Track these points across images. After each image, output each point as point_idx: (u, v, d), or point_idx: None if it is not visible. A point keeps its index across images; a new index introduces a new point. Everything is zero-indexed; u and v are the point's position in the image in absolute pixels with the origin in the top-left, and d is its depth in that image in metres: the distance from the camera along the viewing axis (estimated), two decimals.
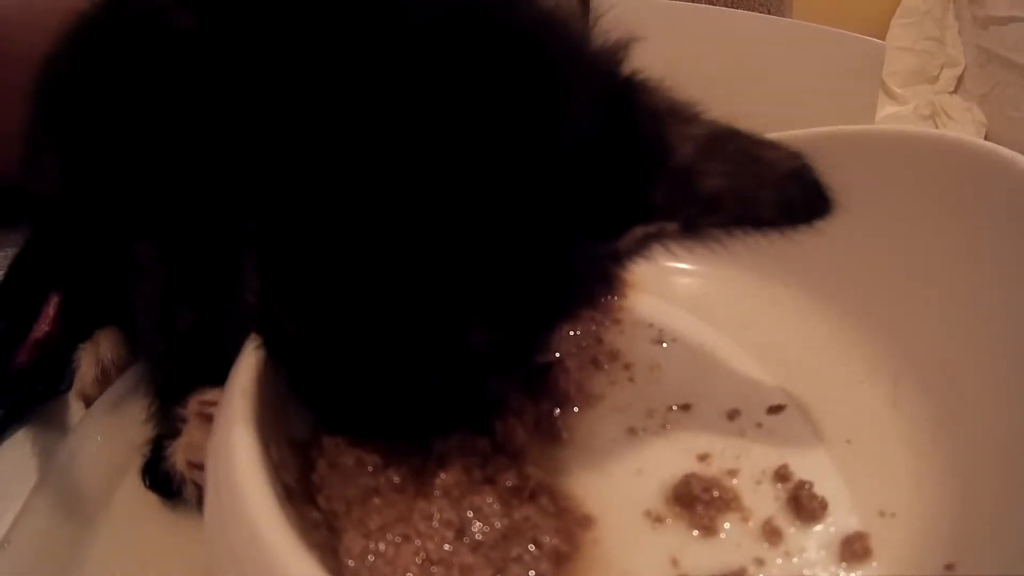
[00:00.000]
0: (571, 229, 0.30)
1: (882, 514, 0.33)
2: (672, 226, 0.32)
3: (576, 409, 0.39)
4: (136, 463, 0.40)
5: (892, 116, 1.57)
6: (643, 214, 0.31)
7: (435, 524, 0.30)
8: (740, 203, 0.31)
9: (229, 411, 0.30)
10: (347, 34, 0.28)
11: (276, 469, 0.29)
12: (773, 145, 0.32)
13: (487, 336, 0.30)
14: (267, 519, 0.26)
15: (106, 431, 0.44)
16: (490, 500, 0.32)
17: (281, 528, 0.26)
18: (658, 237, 0.32)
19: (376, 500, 0.31)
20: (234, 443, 0.29)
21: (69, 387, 0.49)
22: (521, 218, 0.28)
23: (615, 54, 0.34)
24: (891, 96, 1.61)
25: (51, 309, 0.52)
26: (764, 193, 0.31)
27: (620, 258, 0.33)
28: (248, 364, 0.32)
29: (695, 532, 0.33)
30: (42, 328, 0.53)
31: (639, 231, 0.32)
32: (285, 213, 0.29)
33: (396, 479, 0.32)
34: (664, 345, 0.44)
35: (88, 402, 0.47)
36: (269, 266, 0.31)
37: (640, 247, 0.33)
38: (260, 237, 0.31)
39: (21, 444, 0.47)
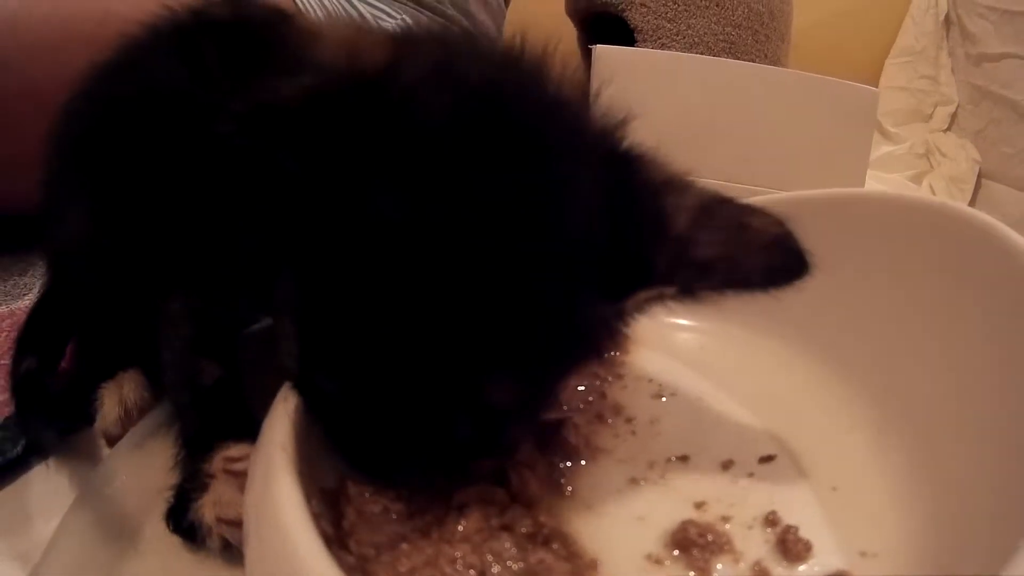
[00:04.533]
0: (582, 296, 0.33)
1: (863, 554, 0.35)
2: (670, 289, 0.35)
3: (584, 462, 0.41)
4: (160, 504, 0.41)
5: (887, 155, 1.57)
6: (646, 279, 0.34)
7: (459, 567, 0.32)
8: (730, 269, 0.34)
9: (271, 464, 0.32)
10: (376, 124, 0.31)
11: (316, 518, 0.31)
12: (759, 212, 0.35)
13: (508, 393, 0.33)
14: (319, 565, 0.28)
15: (130, 470, 0.45)
16: (508, 545, 0.34)
17: (331, 572, 0.28)
18: (658, 298, 0.36)
19: (404, 545, 0.33)
20: (281, 494, 0.31)
21: (90, 422, 0.49)
22: (536, 289, 0.31)
23: (615, 131, 0.37)
24: (886, 135, 1.61)
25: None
26: (751, 260, 0.34)
27: (624, 316, 0.36)
28: (282, 418, 0.34)
29: (691, 574, 0.35)
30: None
31: (642, 295, 0.35)
32: (320, 288, 0.32)
33: (421, 526, 0.34)
34: (663, 399, 0.46)
35: (111, 441, 0.48)
36: (308, 335, 0.33)
37: (642, 306, 0.36)
38: (297, 308, 0.33)
39: (45, 478, 0.48)
